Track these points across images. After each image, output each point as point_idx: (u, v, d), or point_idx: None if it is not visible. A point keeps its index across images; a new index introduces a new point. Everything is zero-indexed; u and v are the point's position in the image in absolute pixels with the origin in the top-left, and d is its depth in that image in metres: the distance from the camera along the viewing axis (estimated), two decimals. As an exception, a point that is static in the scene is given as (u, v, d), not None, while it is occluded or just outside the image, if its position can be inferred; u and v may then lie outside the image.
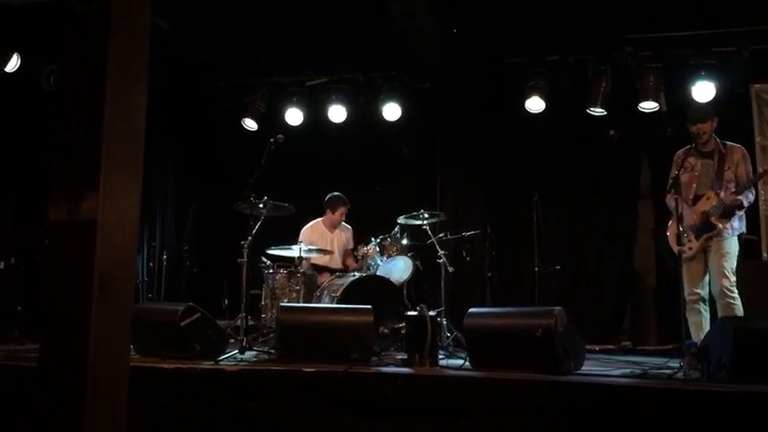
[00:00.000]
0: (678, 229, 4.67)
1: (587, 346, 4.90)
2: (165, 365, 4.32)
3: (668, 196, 5.36)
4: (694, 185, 5.12)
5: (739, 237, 5.07)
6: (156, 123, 4.07)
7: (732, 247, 4.99)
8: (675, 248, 5.14)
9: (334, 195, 6.91)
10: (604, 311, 7.60)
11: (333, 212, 6.89)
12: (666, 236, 5.36)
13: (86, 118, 2.11)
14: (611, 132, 5.95)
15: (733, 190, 4.96)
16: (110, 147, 2.09)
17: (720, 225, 4.94)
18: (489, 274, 7.31)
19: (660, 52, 7.01)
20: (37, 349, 2.12)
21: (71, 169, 2.09)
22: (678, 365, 4.29)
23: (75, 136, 2.11)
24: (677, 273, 4.91)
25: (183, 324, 4.69)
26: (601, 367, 4.76)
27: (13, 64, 6.84)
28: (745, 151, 5.14)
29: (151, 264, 8.06)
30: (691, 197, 5.11)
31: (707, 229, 4.99)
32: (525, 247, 7.42)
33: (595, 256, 7.76)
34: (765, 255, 6.89)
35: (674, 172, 5.05)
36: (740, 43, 6.76)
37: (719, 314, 4.88)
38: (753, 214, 6.61)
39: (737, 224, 5.03)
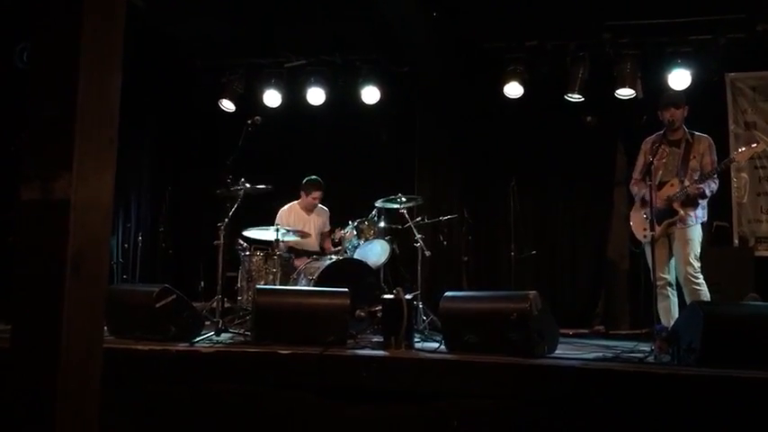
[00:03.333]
0: (646, 215, 4.74)
1: (561, 330, 4.96)
2: (140, 347, 4.31)
3: (632, 183, 5.44)
4: (660, 172, 5.19)
5: (703, 225, 5.16)
6: (132, 103, 4.02)
7: (695, 234, 5.08)
8: (637, 234, 5.24)
9: (311, 179, 6.90)
10: (578, 296, 7.69)
11: (307, 195, 6.89)
12: (630, 222, 5.45)
13: (60, 96, 2.07)
14: (588, 119, 6.00)
15: (696, 178, 5.05)
16: (84, 126, 2.06)
17: (682, 212, 5.03)
18: (465, 259, 7.35)
19: (637, 39, 7.05)
20: (9, 330, 2.10)
21: (44, 148, 2.06)
22: (649, 349, 4.36)
23: (49, 114, 2.08)
24: (644, 258, 4.98)
25: (157, 306, 4.67)
26: (574, 351, 4.81)
27: (-15, 41, 6.71)
28: (711, 141, 5.22)
29: (126, 245, 7.99)
30: (656, 183, 5.18)
31: (669, 215, 5.07)
32: (502, 232, 7.47)
33: (570, 241, 7.84)
34: (736, 241, 7.01)
35: (647, 159, 5.10)
36: (717, 32, 6.82)
37: (687, 299, 4.97)
38: (724, 201, 6.73)
39: (701, 213, 5.13)
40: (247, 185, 5.80)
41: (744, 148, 5.25)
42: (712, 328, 3.92)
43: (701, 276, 4.99)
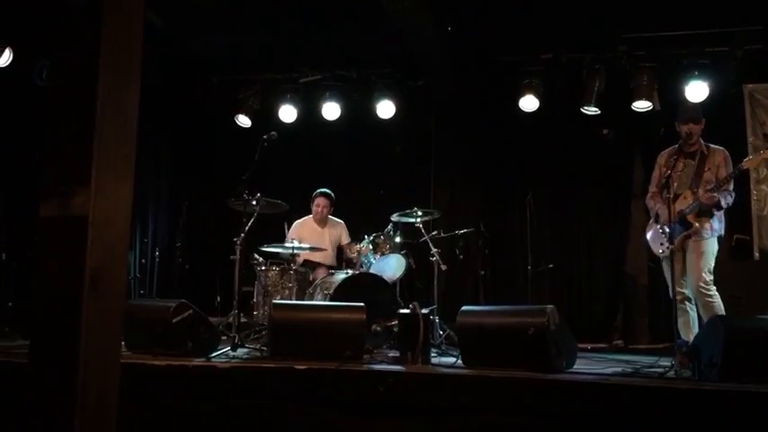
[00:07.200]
0: (662, 229, 4.69)
1: (579, 345, 4.91)
2: (157, 362, 4.31)
3: (649, 196, 5.39)
4: (675, 184, 5.14)
5: (719, 238, 5.08)
6: (150, 119, 4.06)
7: (710, 247, 5.00)
8: (654, 248, 5.18)
9: (318, 189, 6.92)
10: (596, 310, 7.62)
11: (312, 204, 6.90)
12: (646, 237, 5.39)
13: (78, 114, 2.10)
14: (605, 131, 5.96)
15: (710, 188, 4.98)
16: (102, 142, 2.08)
17: (697, 224, 4.97)
18: (482, 273, 7.31)
19: (654, 52, 7.03)
20: (28, 345, 2.11)
21: (62, 165, 2.08)
22: (669, 364, 4.30)
23: (67, 131, 2.10)
24: (663, 273, 4.92)
25: (174, 321, 4.68)
26: (592, 366, 4.77)
27: (5, 59, 6.80)
28: (727, 154, 5.15)
29: (143, 260, 8.04)
30: (671, 196, 5.12)
31: (684, 228, 5.01)
32: (518, 246, 7.43)
33: (588, 254, 7.78)
34: (757, 254, 6.92)
35: (663, 172, 5.06)
36: (734, 43, 6.79)
37: (700, 312, 4.91)
38: (744, 214, 6.66)
39: (717, 225, 5.04)
40: (263, 201, 5.82)
41: (751, 156, 5.21)
42: (733, 342, 3.87)
43: (714, 288, 4.91)
